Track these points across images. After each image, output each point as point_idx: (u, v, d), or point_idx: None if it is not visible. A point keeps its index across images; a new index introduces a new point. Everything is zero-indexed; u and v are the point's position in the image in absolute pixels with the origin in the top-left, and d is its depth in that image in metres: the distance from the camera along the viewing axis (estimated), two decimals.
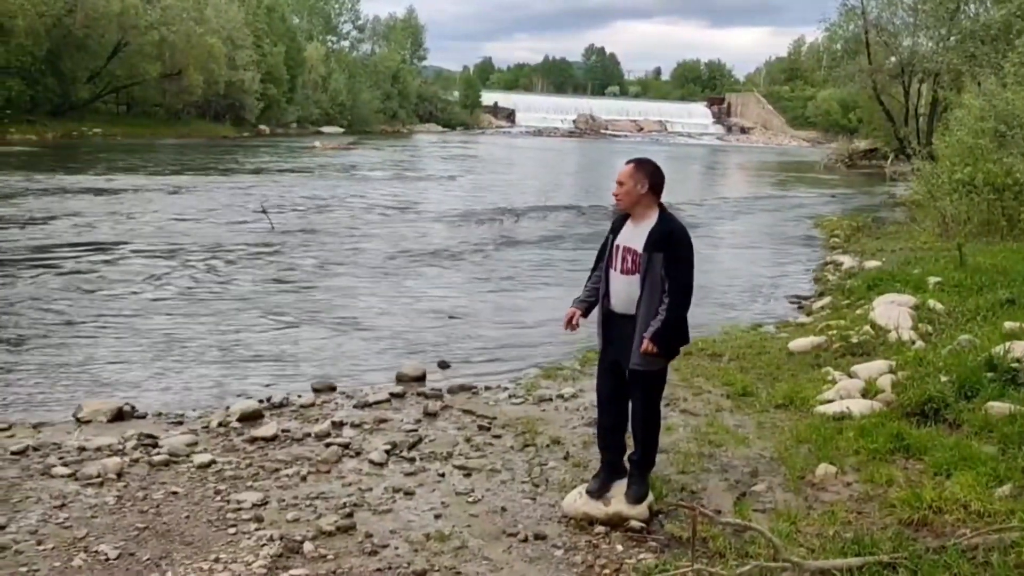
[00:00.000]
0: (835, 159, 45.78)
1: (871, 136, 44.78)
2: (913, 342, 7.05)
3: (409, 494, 4.52)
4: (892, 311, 7.93)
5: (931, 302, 8.28)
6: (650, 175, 4.16)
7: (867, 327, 7.69)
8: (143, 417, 5.74)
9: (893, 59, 36.44)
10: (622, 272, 4.17)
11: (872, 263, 11.92)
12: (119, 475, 4.60)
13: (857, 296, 9.59)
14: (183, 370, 7.04)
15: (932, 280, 9.36)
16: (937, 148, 18.15)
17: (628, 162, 4.25)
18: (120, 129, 44.30)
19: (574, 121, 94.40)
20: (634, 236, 4.16)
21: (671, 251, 4.05)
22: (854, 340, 7.41)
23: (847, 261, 12.83)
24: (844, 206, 23.94)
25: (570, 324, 4.41)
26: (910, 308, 8.08)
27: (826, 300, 10.16)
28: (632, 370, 4.16)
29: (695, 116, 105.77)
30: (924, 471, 4.59)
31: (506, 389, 6.58)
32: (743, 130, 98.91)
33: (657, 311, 4.05)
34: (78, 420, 5.60)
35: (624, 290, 4.16)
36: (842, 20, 37.83)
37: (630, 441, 4.39)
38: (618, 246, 4.22)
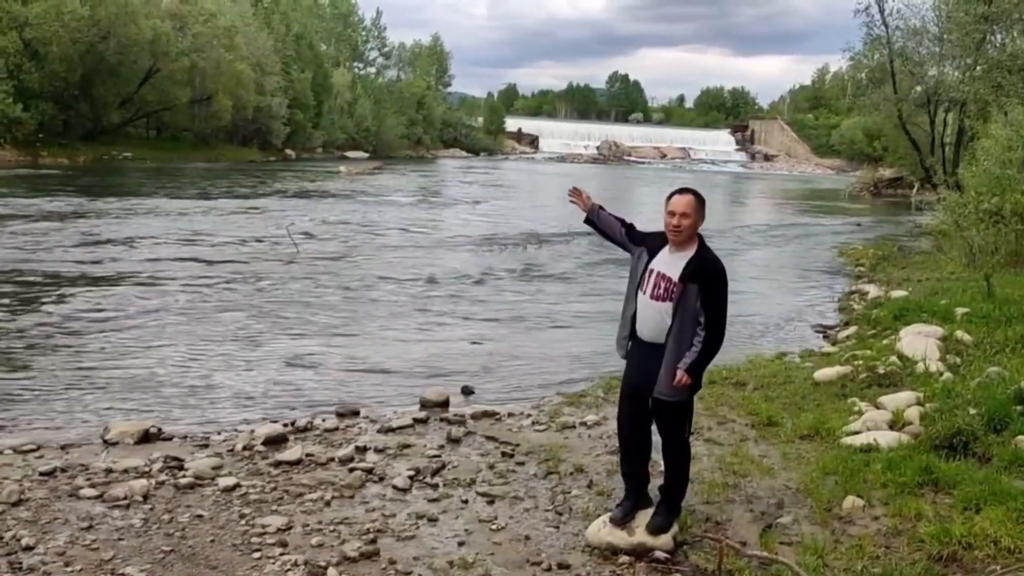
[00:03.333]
0: (860, 187, 45.54)
1: (896, 165, 44.49)
2: (941, 373, 6.96)
3: (433, 520, 4.52)
4: (919, 342, 7.84)
5: (959, 333, 8.19)
6: (702, 207, 4.17)
7: (894, 358, 7.61)
8: (169, 439, 5.79)
9: (919, 88, 36.28)
10: (652, 298, 4.14)
11: (898, 293, 11.81)
12: (145, 497, 4.64)
13: (883, 326, 9.49)
14: (208, 392, 7.11)
15: (959, 311, 9.26)
16: (963, 177, 18.03)
17: (683, 192, 4.19)
18: (150, 153, 45.05)
19: (597, 147, 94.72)
20: (671, 264, 4.12)
21: (709, 285, 4.03)
22: (881, 371, 7.33)
23: (873, 290, 12.72)
24: (869, 235, 23.78)
25: (577, 195, 4.55)
26: (937, 339, 7.99)
27: (851, 330, 10.06)
28: (657, 399, 4.14)
29: (719, 143, 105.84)
30: (953, 505, 4.53)
31: (529, 416, 6.57)
32: (767, 157, 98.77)
33: (691, 343, 4.03)
34: (105, 441, 5.66)
35: (652, 317, 4.14)
36: (867, 49, 37.74)
37: (655, 470, 4.38)
38: (652, 270, 4.17)
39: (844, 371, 7.52)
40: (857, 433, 5.79)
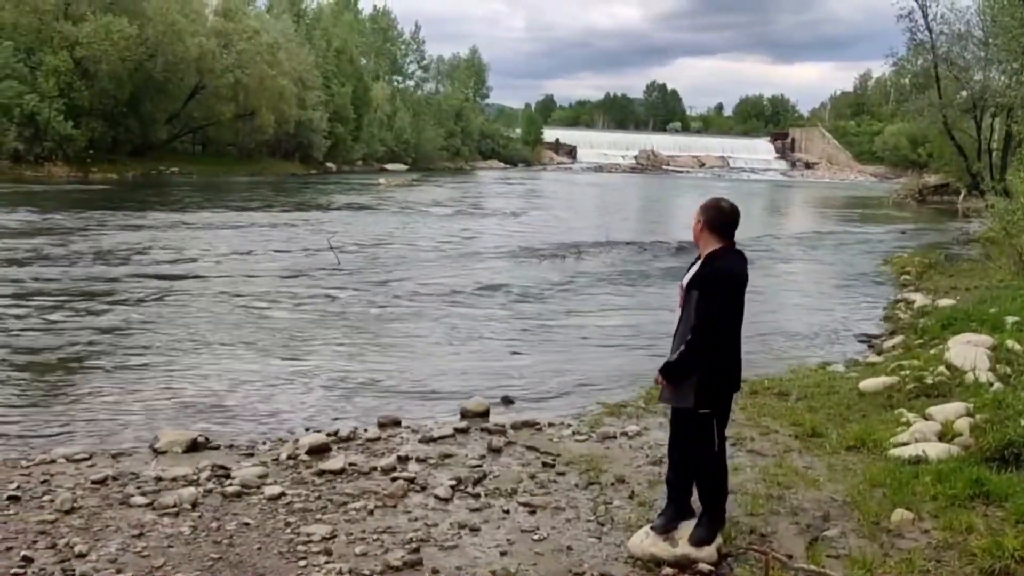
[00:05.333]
0: (904, 194, 44.75)
1: (942, 171, 43.65)
2: (991, 384, 6.81)
3: (475, 530, 4.53)
4: (968, 351, 7.68)
5: (1009, 342, 8.00)
6: (705, 213, 4.20)
7: (942, 368, 7.47)
8: (216, 448, 5.90)
9: (964, 93, 35.60)
10: (680, 308, 4.28)
11: (945, 301, 11.59)
12: (194, 505, 4.72)
13: (931, 335, 9.31)
14: (253, 402, 7.21)
15: (1010, 320, 9.05)
16: (1012, 183, 17.60)
17: None
18: (195, 167, 45.95)
19: (635, 157, 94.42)
20: (688, 273, 4.26)
21: (703, 290, 4.07)
22: (928, 381, 7.19)
23: (919, 299, 12.49)
24: (915, 242, 23.36)
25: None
26: (987, 349, 7.82)
27: (898, 339, 9.89)
28: (672, 408, 4.29)
29: (758, 151, 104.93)
30: (1005, 519, 4.43)
31: (569, 426, 6.57)
32: (807, 165, 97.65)
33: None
34: (155, 450, 5.78)
35: (677, 326, 4.27)
36: (910, 54, 37.15)
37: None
38: (679, 284, 4.33)
39: (891, 381, 7.39)
40: (905, 445, 5.69)
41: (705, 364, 4.06)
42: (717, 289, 4.05)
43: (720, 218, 4.16)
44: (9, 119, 36.95)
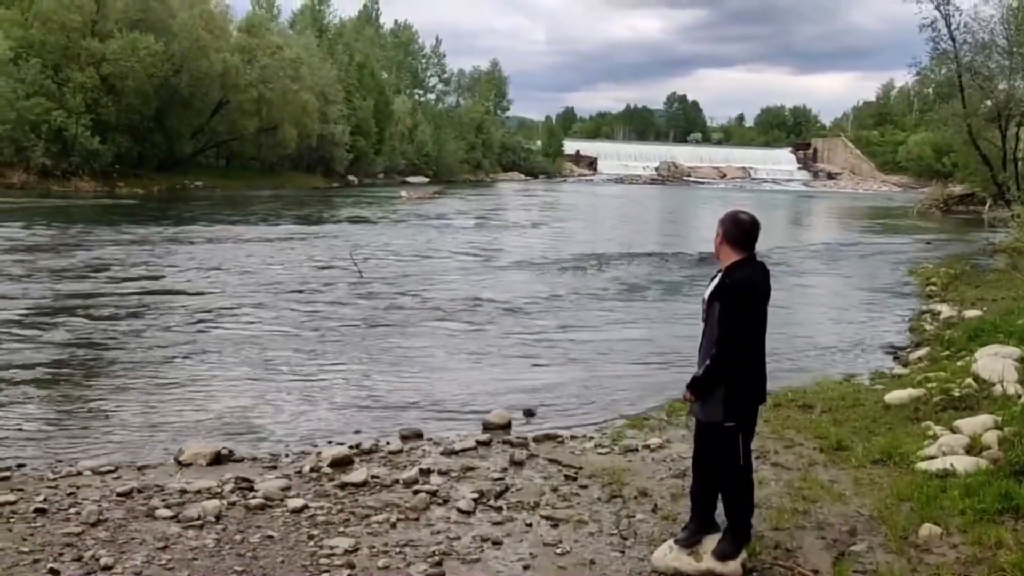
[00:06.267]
0: (929, 204, 44.32)
1: (967, 181, 43.13)
2: (1019, 396, 6.71)
3: (497, 544, 4.52)
4: (996, 363, 7.57)
5: None
6: (724, 226, 4.19)
7: (969, 380, 7.37)
8: (240, 461, 5.93)
9: (988, 102, 35.22)
10: (702, 320, 4.28)
11: (972, 312, 11.45)
12: (218, 518, 4.75)
13: (957, 347, 9.20)
14: (275, 414, 7.26)
15: None
16: None
17: None
18: (220, 181, 46.48)
19: (656, 168, 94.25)
20: (709, 286, 4.25)
21: (724, 302, 4.06)
22: (956, 393, 7.10)
23: (945, 310, 12.34)
24: (940, 253, 23.11)
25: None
26: (1015, 360, 7.70)
27: (924, 351, 9.77)
28: (697, 421, 4.27)
29: (780, 162, 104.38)
30: None
31: (591, 439, 6.55)
32: (830, 175, 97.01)
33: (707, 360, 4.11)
34: (179, 462, 5.82)
35: (701, 340, 4.27)
36: (933, 64, 36.82)
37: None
38: (702, 297, 4.32)
39: (917, 394, 7.30)
40: (932, 458, 5.61)
41: (731, 377, 4.04)
42: (737, 301, 4.04)
43: (739, 230, 4.15)
44: (37, 135, 37.64)
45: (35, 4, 40.60)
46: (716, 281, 4.17)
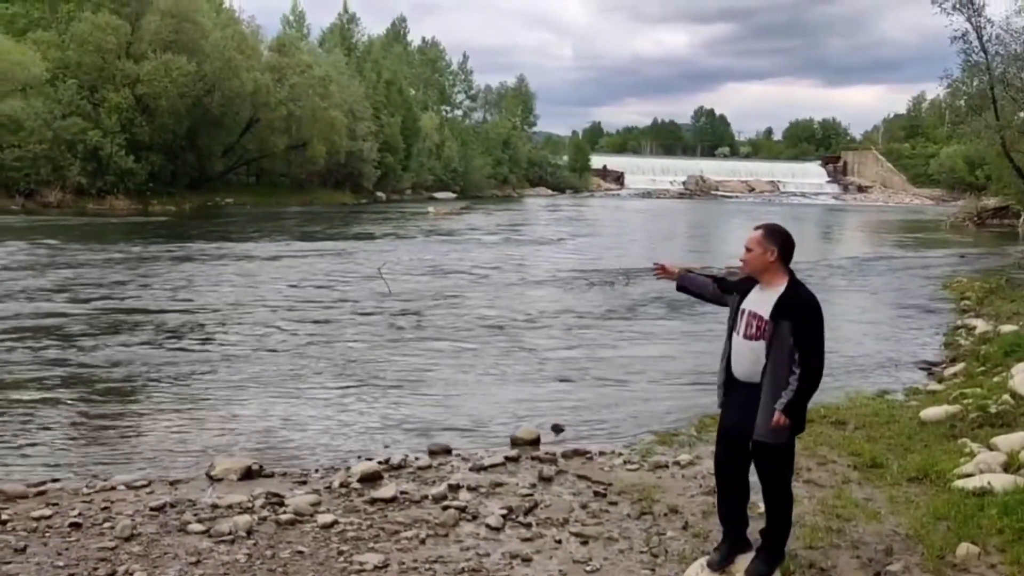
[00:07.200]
0: (962, 218, 43.71)
1: (1001, 194, 42.51)
2: None
3: (527, 560, 4.50)
4: None
5: None
6: (780, 242, 4.08)
7: (1006, 396, 7.24)
8: (270, 476, 5.96)
9: (1022, 114, 34.74)
10: (745, 337, 4.07)
11: (1008, 327, 11.24)
12: (249, 533, 4.78)
13: (993, 362, 9.05)
14: (305, 429, 7.30)
15: None
16: None
17: (757, 228, 4.17)
18: (250, 198, 47.03)
19: (684, 183, 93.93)
20: (761, 302, 4.06)
21: (801, 320, 3.94)
22: (992, 410, 6.98)
23: (980, 325, 12.14)
24: (974, 267, 22.76)
25: (663, 270, 4.49)
26: None
27: (959, 366, 9.62)
28: (757, 442, 4.04)
29: (809, 175, 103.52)
30: None
31: (620, 455, 6.51)
32: (861, 188, 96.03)
33: (787, 381, 3.93)
34: (210, 477, 5.87)
35: (747, 356, 4.06)
36: (965, 76, 36.40)
37: (753, 512, 4.27)
38: (743, 310, 4.12)
39: (953, 410, 7.19)
40: (969, 476, 5.51)
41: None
42: (816, 318, 3.98)
43: (790, 248, 4.11)
44: (73, 154, 38.42)
45: (72, 26, 41.51)
46: (779, 297, 4.00)
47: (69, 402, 7.98)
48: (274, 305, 14.15)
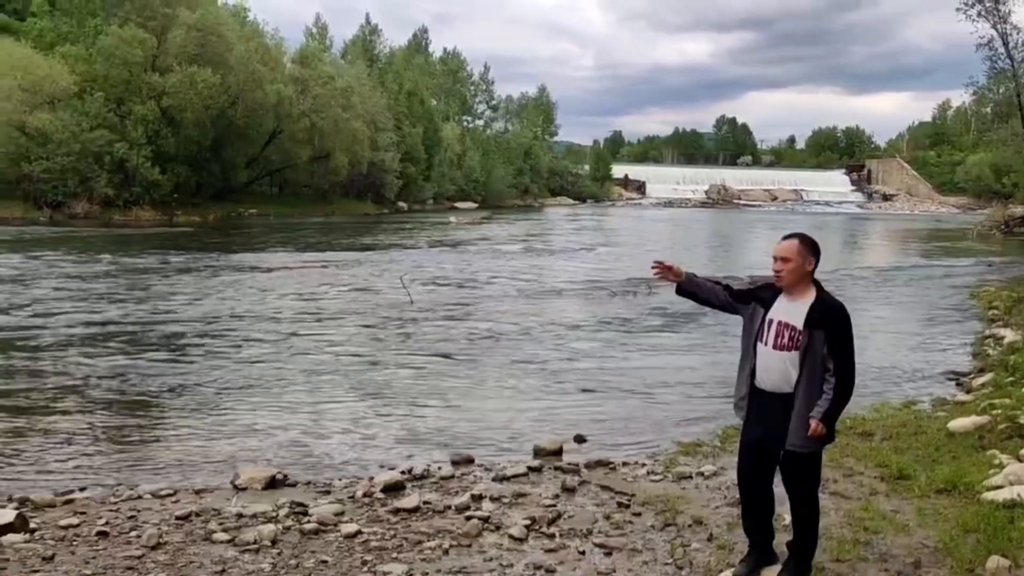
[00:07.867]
0: (989, 226, 43.21)
1: None
2: None
3: (550, 572, 4.48)
4: None
5: None
6: (816, 252, 4.06)
7: None
8: (294, 485, 5.99)
9: None
10: (775, 348, 4.02)
11: None
12: (273, 542, 4.80)
13: (1022, 373, 8.91)
14: (328, 440, 7.33)
15: None
16: None
17: (789, 237, 4.10)
18: (273, 209, 47.49)
19: (706, 192, 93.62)
20: (791, 312, 4.00)
21: (834, 330, 3.91)
22: (1022, 421, 6.87)
23: (1009, 335, 11.96)
24: (1002, 275, 22.47)
25: (663, 268, 4.43)
26: None
27: (987, 377, 9.48)
28: (789, 452, 4.00)
29: (833, 184, 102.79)
30: None
31: (644, 465, 6.47)
32: (885, 197, 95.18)
33: (821, 391, 3.90)
34: (235, 487, 5.90)
35: (776, 367, 4.02)
36: (991, 83, 36.09)
37: (779, 524, 4.22)
38: (771, 320, 4.06)
39: (981, 421, 7.08)
40: (999, 488, 5.42)
41: None
42: (848, 327, 3.96)
43: (820, 254, 4.09)
44: (100, 166, 39.00)
45: (99, 40, 42.17)
46: (810, 307, 3.96)
47: (95, 412, 8.07)
48: (296, 315, 14.24)
